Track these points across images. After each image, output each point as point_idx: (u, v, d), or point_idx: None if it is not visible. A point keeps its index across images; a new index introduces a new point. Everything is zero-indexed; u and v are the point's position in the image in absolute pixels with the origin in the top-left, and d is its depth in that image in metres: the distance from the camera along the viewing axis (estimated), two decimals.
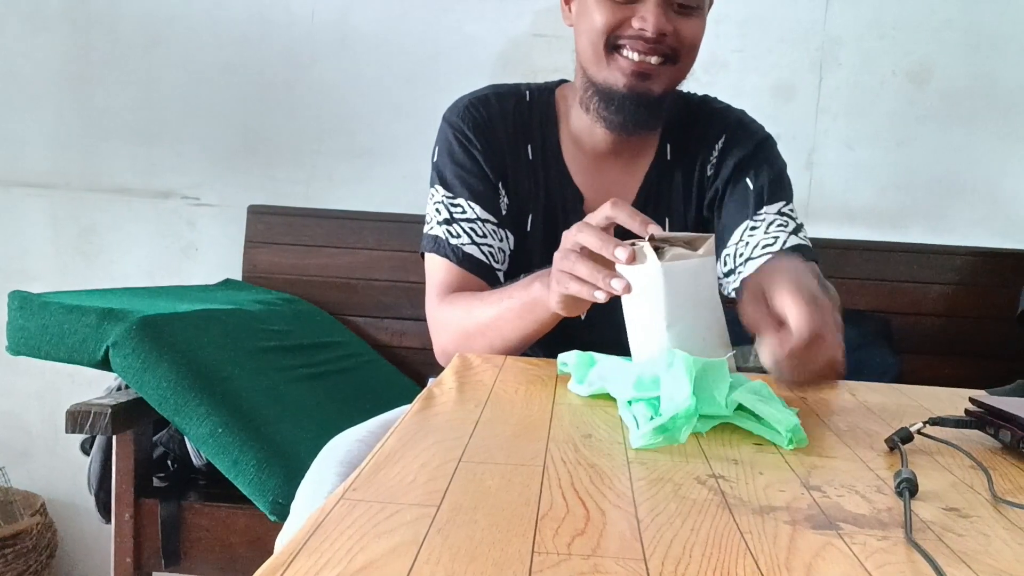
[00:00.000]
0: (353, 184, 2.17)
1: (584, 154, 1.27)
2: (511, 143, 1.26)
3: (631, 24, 1.15)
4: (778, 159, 1.28)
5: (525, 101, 1.29)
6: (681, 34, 1.16)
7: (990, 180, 2.09)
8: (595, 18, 1.16)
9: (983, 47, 2.06)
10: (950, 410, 0.82)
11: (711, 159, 1.26)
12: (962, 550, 0.52)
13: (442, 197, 1.25)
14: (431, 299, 1.24)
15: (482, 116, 1.25)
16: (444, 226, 1.23)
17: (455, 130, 1.26)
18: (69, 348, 1.44)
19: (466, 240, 1.22)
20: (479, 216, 1.22)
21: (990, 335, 1.96)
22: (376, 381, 1.92)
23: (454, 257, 1.21)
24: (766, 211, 1.21)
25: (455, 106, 1.28)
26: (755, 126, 1.30)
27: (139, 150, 2.20)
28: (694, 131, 1.28)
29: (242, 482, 1.42)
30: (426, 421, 0.76)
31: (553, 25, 2.08)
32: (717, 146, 1.27)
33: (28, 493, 2.18)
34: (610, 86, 1.18)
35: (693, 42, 1.18)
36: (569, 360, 0.92)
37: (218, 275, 2.14)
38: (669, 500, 0.58)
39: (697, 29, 1.18)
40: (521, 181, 1.26)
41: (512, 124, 1.26)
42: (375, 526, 0.51)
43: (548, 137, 1.27)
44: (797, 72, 2.09)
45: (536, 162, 1.26)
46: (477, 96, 1.28)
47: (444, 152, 1.26)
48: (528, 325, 1.09)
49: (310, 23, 2.15)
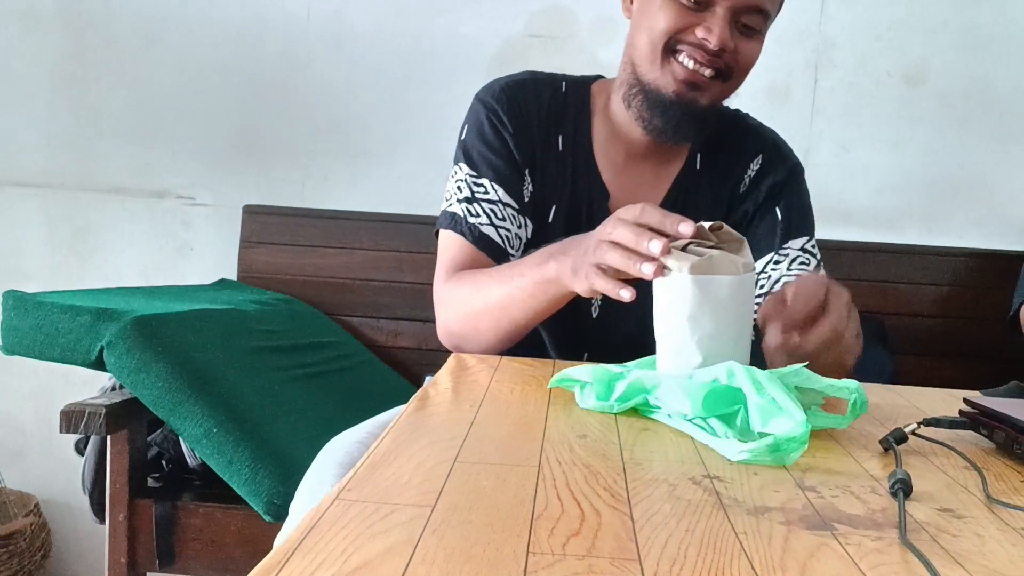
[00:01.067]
0: (349, 184, 2.17)
1: (615, 152, 1.26)
2: (542, 131, 1.24)
3: (694, 32, 1.13)
4: (806, 189, 1.29)
5: (561, 92, 1.27)
6: (740, 53, 1.15)
7: (985, 181, 2.09)
8: (659, 17, 1.14)
9: (978, 49, 2.07)
10: (944, 411, 0.82)
11: (745, 178, 1.26)
12: (956, 551, 0.53)
13: (465, 175, 1.23)
14: (440, 275, 1.22)
15: (517, 100, 1.24)
16: (464, 204, 1.21)
17: (488, 110, 1.24)
18: (63, 348, 1.43)
19: (484, 220, 1.20)
20: (501, 199, 1.21)
21: (985, 336, 1.96)
22: (371, 381, 1.92)
23: (470, 236, 1.19)
24: (791, 245, 1.22)
25: (490, 86, 1.27)
26: (789, 151, 1.30)
27: (134, 149, 2.20)
28: (727, 145, 1.27)
29: (237, 482, 1.41)
30: (421, 421, 0.76)
31: (549, 26, 2.08)
32: (752, 166, 1.27)
33: (22, 493, 2.17)
34: (659, 88, 1.16)
35: (748, 64, 1.18)
36: (582, 375, 0.86)
37: (213, 275, 2.14)
38: (664, 501, 0.58)
39: (756, 52, 1.18)
40: (548, 171, 1.24)
41: (546, 112, 1.25)
42: (370, 526, 0.51)
43: (580, 131, 1.26)
44: (792, 73, 2.10)
45: (566, 154, 1.25)
46: (514, 79, 1.27)
47: (474, 130, 1.25)
48: (540, 304, 1.06)
49: (306, 23, 2.15)
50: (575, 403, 0.85)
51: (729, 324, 0.84)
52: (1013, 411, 0.75)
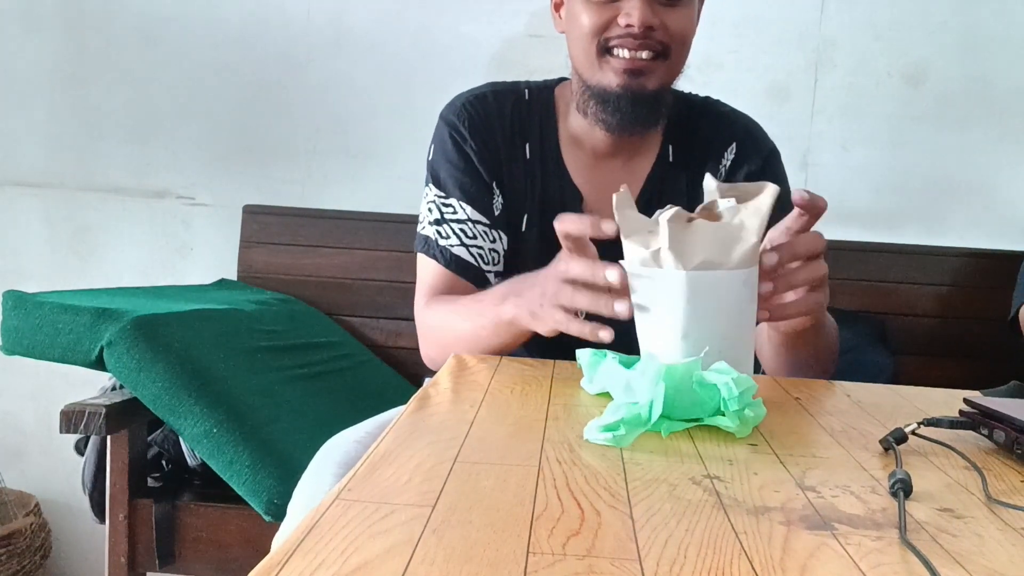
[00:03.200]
0: (348, 184, 2.17)
1: (584, 153, 1.26)
2: (508, 142, 1.25)
3: (618, 23, 1.14)
4: (783, 172, 1.28)
5: (524, 99, 1.28)
6: (669, 27, 1.15)
7: (985, 182, 2.09)
8: (583, 21, 1.16)
9: (978, 49, 2.07)
10: (944, 411, 0.82)
11: (721, 167, 1.26)
12: (956, 551, 0.53)
13: (434, 196, 1.24)
14: (418, 300, 1.24)
15: (479, 114, 1.25)
16: (434, 226, 1.23)
17: (451, 128, 1.25)
18: (63, 348, 1.43)
19: (455, 241, 1.21)
20: (470, 217, 1.22)
21: (985, 336, 1.96)
22: (371, 381, 1.92)
23: (442, 259, 1.21)
24: None
25: (452, 104, 1.27)
26: (763, 136, 1.30)
27: (134, 149, 2.20)
28: (699, 134, 1.27)
29: (237, 482, 1.41)
30: (421, 421, 0.76)
31: (548, 26, 2.07)
32: (727, 154, 1.26)
33: (22, 493, 2.17)
34: (604, 87, 1.17)
35: (683, 34, 1.17)
36: (583, 357, 0.91)
37: (213, 275, 2.14)
38: (664, 500, 0.58)
39: (685, 20, 1.17)
40: (517, 180, 1.25)
41: (510, 123, 1.26)
42: (370, 526, 0.51)
43: (547, 136, 1.26)
44: (792, 73, 2.09)
45: (534, 161, 1.25)
46: (474, 94, 1.27)
47: (439, 151, 1.26)
48: (505, 339, 1.07)
49: (306, 23, 2.15)
50: (575, 403, 0.85)
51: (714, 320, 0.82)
52: (1013, 411, 0.75)
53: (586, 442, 0.71)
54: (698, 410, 0.75)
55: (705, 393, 0.75)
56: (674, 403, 0.73)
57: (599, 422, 0.71)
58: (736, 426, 0.73)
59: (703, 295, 0.81)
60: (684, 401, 0.74)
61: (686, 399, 0.74)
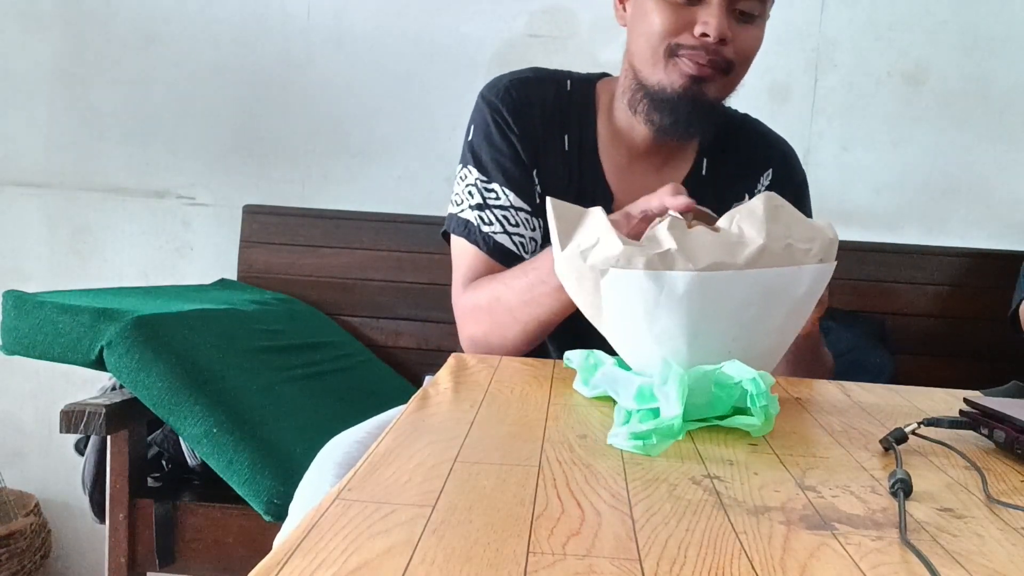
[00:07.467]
0: (348, 184, 2.17)
1: (620, 153, 1.25)
2: (547, 130, 1.23)
3: (692, 30, 1.12)
4: (810, 203, 1.29)
5: (566, 90, 1.26)
6: (740, 44, 1.14)
7: (985, 181, 2.09)
8: (654, 21, 1.13)
9: (978, 48, 2.07)
10: (945, 411, 0.82)
11: (755, 191, 1.25)
12: (956, 551, 0.53)
13: (475, 180, 1.21)
14: (457, 287, 1.21)
15: (522, 98, 1.22)
16: (476, 211, 1.20)
17: (493, 110, 1.22)
18: (63, 348, 1.43)
19: (498, 228, 1.19)
20: (512, 204, 1.19)
21: (985, 336, 1.96)
22: (371, 381, 1.92)
23: (484, 246, 1.19)
24: None
25: (494, 85, 1.25)
26: (798, 164, 1.30)
27: (134, 149, 2.20)
28: (735, 153, 1.26)
29: (237, 482, 1.41)
30: (421, 421, 0.76)
31: (548, 26, 2.08)
32: (763, 180, 1.26)
33: (22, 493, 2.17)
34: (664, 88, 1.15)
35: (750, 52, 1.17)
36: (574, 359, 0.91)
37: (213, 275, 2.14)
38: (664, 500, 0.58)
39: (755, 40, 1.16)
40: (554, 170, 1.23)
41: (550, 111, 1.23)
42: (370, 526, 0.51)
43: (585, 130, 1.25)
44: (792, 73, 2.09)
45: (571, 154, 1.24)
46: (518, 77, 1.25)
47: (480, 132, 1.23)
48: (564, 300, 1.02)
49: (305, 22, 2.15)
50: (575, 403, 0.85)
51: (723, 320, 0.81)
52: (1013, 411, 0.75)
53: (586, 442, 0.71)
54: (712, 410, 0.75)
55: (723, 392, 0.75)
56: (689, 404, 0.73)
57: (628, 429, 0.70)
58: (760, 423, 0.74)
59: (713, 296, 0.80)
60: (699, 401, 0.74)
61: (700, 400, 0.74)
